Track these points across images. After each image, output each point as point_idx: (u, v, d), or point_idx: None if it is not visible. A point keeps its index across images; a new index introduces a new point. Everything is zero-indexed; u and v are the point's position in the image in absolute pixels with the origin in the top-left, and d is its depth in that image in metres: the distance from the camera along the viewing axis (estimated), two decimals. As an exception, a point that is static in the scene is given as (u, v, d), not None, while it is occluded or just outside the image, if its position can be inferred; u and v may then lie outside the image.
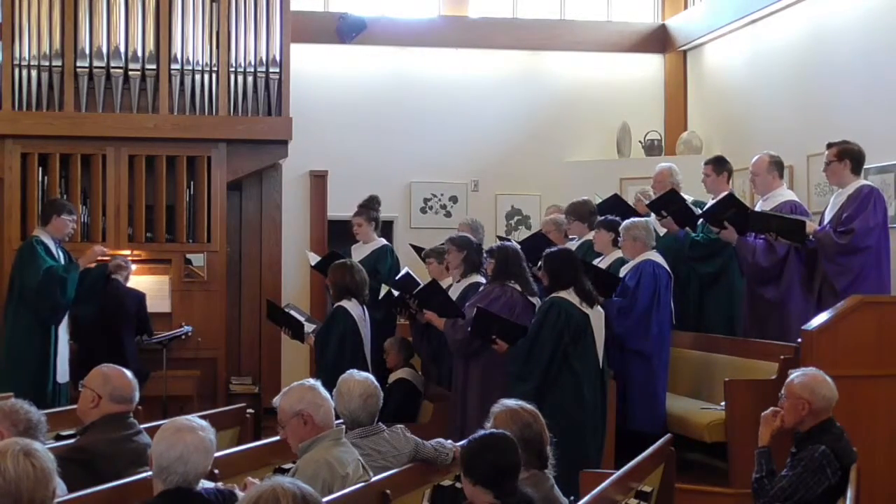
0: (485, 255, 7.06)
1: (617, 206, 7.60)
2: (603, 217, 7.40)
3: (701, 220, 7.26)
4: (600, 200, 7.86)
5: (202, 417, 5.43)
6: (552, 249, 6.29)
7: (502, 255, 6.57)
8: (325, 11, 10.40)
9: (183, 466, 3.36)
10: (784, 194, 7.06)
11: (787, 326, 6.69)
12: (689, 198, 7.79)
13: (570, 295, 6.01)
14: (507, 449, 3.57)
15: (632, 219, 7.00)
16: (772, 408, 4.74)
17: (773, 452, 4.74)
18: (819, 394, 4.63)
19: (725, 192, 7.25)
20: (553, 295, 6.08)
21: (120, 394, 4.36)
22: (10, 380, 7.37)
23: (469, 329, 6.43)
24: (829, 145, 6.56)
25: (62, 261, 7.81)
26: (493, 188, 10.49)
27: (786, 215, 6.57)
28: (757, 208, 7.07)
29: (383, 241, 8.63)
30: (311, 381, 4.25)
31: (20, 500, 2.92)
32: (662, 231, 7.49)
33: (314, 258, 8.49)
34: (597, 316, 6.09)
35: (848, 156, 6.44)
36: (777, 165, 7.11)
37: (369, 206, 8.53)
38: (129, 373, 4.47)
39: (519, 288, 6.51)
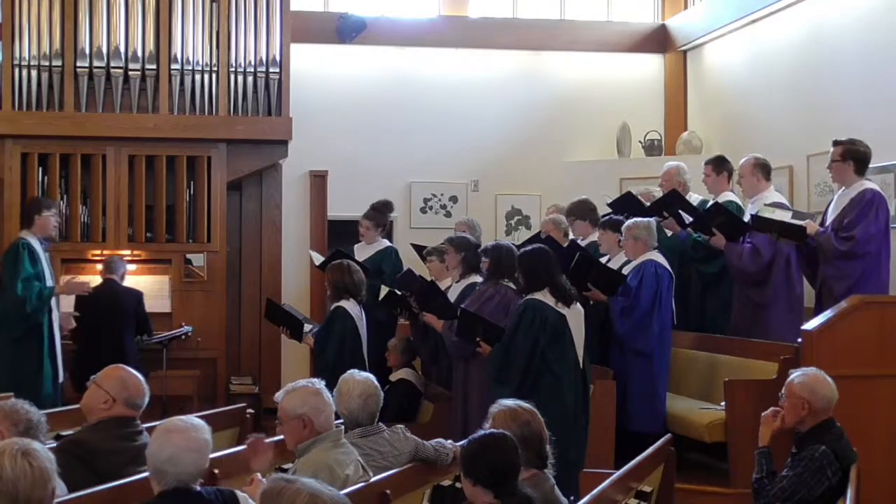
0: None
1: (630, 205, 7.53)
2: (607, 217, 7.38)
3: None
4: (610, 201, 7.84)
5: (202, 417, 5.45)
6: (526, 249, 6.18)
7: (496, 254, 6.55)
8: (325, 11, 10.40)
9: (174, 467, 3.35)
10: (770, 196, 7.07)
11: (767, 334, 6.73)
12: (697, 197, 7.80)
13: (544, 296, 5.90)
14: (506, 449, 3.56)
15: (634, 219, 6.99)
16: (772, 408, 4.74)
17: (773, 452, 4.74)
18: (819, 394, 4.63)
19: (712, 202, 7.28)
20: (528, 297, 5.97)
21: (134, 401, 4.36)
22: (5, 382, 7.33)
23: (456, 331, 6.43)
24: (836, 143, 6.54)
25: (45, 266, 7.68)
26: (493, 188, 10.49)
27: (788, 220, 6.56)
28: (748, 211, 7.09)
29: (387, 243, 8.64)
30: (317, 382, 4.22)
31: (17, 500, 2.92)
32: (670, 232, 7.51)
33: (318, 258, 8.49)
34: (574, 315, 5.96)
35: (852, 157, 6.43)
36: (762, 168, 7.13)
37: (381, 211, 8.51)
38: (142, 378, 4.47)
39: (514, 287, 6.50)
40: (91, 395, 4.37)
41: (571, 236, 7.86)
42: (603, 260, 7.16)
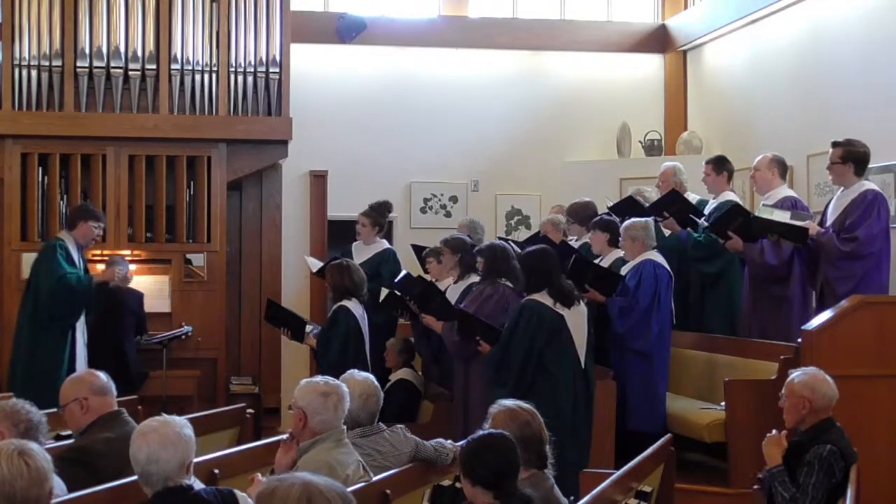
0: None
1: (632, 208, 7.52)
2: (597, 218, 7.40)
3: (702, 222, 7.27)
4: (612, 204, 7.84)
5: (202, 417, 5.46)
6: (528, 250, 6.20)
7: (490, 253, 6.56)
8: (325, 11, 10.40)
9: (155, 466, 3.35)
10: (784, 191, 7.08)
11: (790, 326, 6.70)
12: (695, 197, 7.80)
13: (543, 297, 5.91)
14: (505, 449, 3.57)
15: (631, 219, 7.00)
16: (774, 430, 4.73)
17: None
18: (820, 392, 4.64)
19: (730, 204, 7.22)
20: (526, 298, 5.99)
21: (99, 385, 4.40)
22: (27, 382, 7.35)
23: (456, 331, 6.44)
24: (835, 144, 6.52)
25: (80, 268, 7.80)
26: (493, 188, 10.49)
27: (789, 221, 6.54)
28: (761, 206, 7.08)
29: (385, 245, 8.61)
30: (336, 385, 4.17)
31: (14, 500, 2.93)
32: (668, 231, 7.51)
33: (315, 264, 8.48)
34: (575, 316, 5.95)
35: (852, 159, 6.42)
36: (778, 164, 7.13)
37: (379, 211, 8.50)
38: (87, 370, 4.51)
39: (511, 285, 6.51)
40: (69, 416, 4.40)
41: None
42: (596, 260, 7.16)
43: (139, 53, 8.93)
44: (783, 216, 6.59)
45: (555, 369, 5.87)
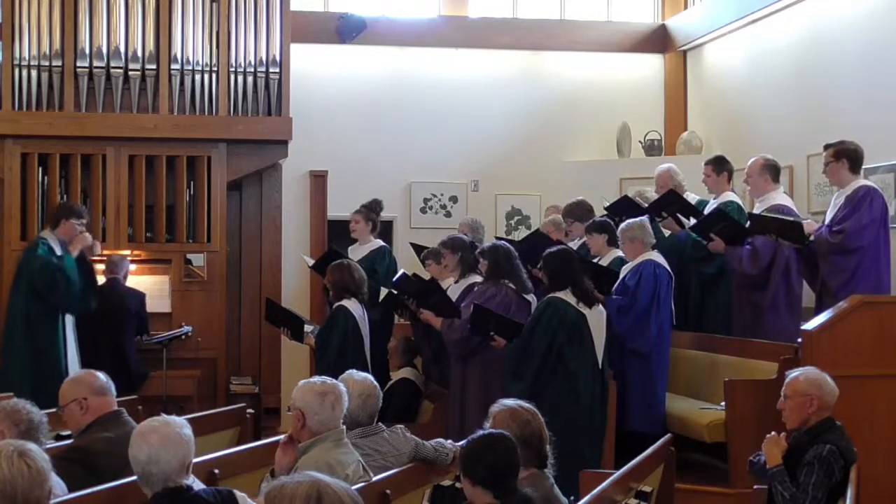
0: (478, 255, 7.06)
1: (628, 208, 7.54)
2: (591, 220, 7.41)
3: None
4: (608, 204, 7.85)
5: (202, 417, 5.46)
6: (551, 249, 6.28)
7: (494, 254, 6.61)
8: (325, 11, 10.40)
9: (156, 467, 3.34)
10: (776, 197, 7.08)
11: (767, 335, 6.75)
12: (694, 197, 7.81)
13: (567, 295, 6.02)
14: (506, 449, 3.57)
15: (628, 220, 7.01)
16: (773, 432, 4.74)
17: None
18: (826, 388, 4.67)
19: (732, 204, 7.26)
20: (550, 295, 6.09)
21: (98, 385, 4.40)
22: (17, 375, 7.37)
23: (467, 327, 6.45)
24: (827, 146, 6.59)
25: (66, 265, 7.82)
26: (493, 188, 10.49)
27: (783, 217, 6.58)
28: (755, 211, 7.10)
29: (380, 243, 8.60)
30: (333, 385, 4.18)
31: (14, 500, 2.93)
32: (668, 231, 7.51)
33: (310, 261, 8.49)
34: (596, 315, 6.08)
35: (844, 155, 6.47)
36: (771, 168, 7.13)
37: (371, 208, 8.52)
38: (85, 370, 4.51)
39: (513, 286, 6.53)
40: (68, 416, 4.39)
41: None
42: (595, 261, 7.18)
43: (139, 53, 8.93)
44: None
45: (574, 366, 5.96)
